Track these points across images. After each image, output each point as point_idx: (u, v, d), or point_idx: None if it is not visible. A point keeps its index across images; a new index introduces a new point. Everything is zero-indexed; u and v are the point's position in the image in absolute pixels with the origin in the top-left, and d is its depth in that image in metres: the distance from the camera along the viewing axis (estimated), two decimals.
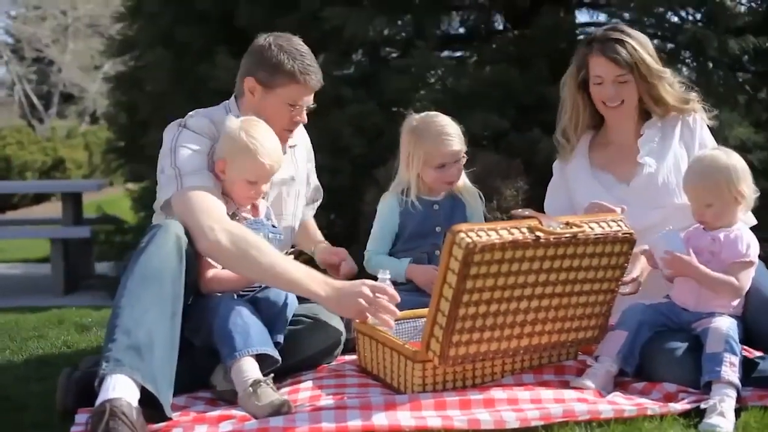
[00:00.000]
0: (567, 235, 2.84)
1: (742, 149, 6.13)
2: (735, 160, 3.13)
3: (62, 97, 21.35)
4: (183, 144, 3.25)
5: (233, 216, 3.21)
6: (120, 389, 2.65)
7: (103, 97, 16.52)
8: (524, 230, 2.80)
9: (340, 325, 3.34)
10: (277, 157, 3.25)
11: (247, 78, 3.35)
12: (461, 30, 7.66)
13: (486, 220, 3.70)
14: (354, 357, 3.32)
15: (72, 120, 21.72)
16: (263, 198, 3.33)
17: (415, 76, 6.69)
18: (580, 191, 3.63)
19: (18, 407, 3.19)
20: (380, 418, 2.69)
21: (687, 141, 3.61)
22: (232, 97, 3.46)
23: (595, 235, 2.89)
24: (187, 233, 3.04)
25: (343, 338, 3.36)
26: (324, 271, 3.47)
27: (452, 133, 3.59)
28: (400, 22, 7.04)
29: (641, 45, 3.51)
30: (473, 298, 2.78)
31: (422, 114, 3.68)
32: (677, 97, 3.56)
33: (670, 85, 3.55)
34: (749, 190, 3.12)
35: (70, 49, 19.41)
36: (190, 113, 3.41)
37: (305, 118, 3.42)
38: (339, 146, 6.56)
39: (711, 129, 3.71)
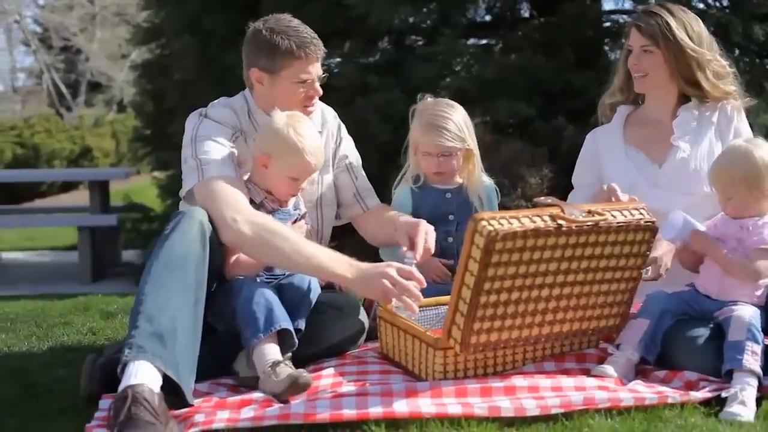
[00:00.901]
0: (589, 224, 2.83)
1: (766, 136, 6.12)
2: (764, 155, 3.09)
3: (90, 85, 21.49)
4: (204, 134, 3.27)
5: (260, 205, 3.23)
6: (142, 375, 2.68)
7: (130, 85, 16.59)
8: (546, 218, 2.80)
9: (362, 315, 3.36)
10: (321, 155, 3.29)
11: (252, 69, 3.34)
12: (487, 17, 7.65)
13: (507, 209, 3.68)
14: (377, 344, 3.33)
15: (99, 108, 21.87)
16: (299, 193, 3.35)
17: (440, 64, 6.68)
18: (611, 167, 3.62)
19: (44, 392, 3.23)
20: (401, 405, 2.70)
21: (723, 129, 3.58)
22: (247, 88, 3.47)
23: (617, 223, 2.89)
24: (211, 221, 3.06)
25: (365, 327, 3.37)
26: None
27: (445, 125, 3.50)
28: (425, 10, 7.02)
29: (679, 22, 3.47)
30: (495, 286, 2.79)
31: (433, 100, 3.63)
32: (715, 86, 3.51)
33: (712, 71, 3.50)
34: None
35: (97, 38, 19.53)
36: (212, 103, 3.43)
37: (319, 90, 3.38)
38: (366, 134, 6.56)
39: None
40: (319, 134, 3.53)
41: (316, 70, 3.35)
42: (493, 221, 2.72)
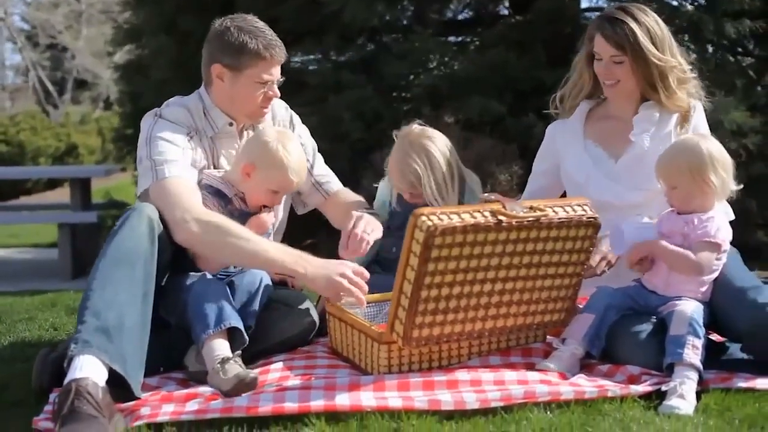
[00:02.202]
0: (530, 219, 2.87)
1: (737, 134, 6.17)
2: (711, 148, 3.13)
3: (76, 83, 21.52)
4: (159, 134, 3.29)
5: (228, 201, 3.28)
6: (87, 369, 2.71)
7: (115, 83, 16.65)
8: (486, 214, 2.83)
9: (313, 311, 3.39)
10: (304, 174, 3.38)
11: (214, 65, 3.36)
12: (465, 15, 7.70)
13: None
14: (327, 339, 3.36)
15: (86, 106, 21.93)
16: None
17: (414, 61, 6.72)
18: (569, 160, 3.65)
19: None
20: (343, 399, 2.73)
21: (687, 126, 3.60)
22: (202, 86, 3.48)
23: (559, 219, 2.92)
24: (163, 220, 3.11)
25: (316, 324, 3.40)
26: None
27: (410, 175, 3.52)
28: (399, 7, 7.06)
29: (643, 29, 3.44)
30: (435, 281, 2.82)
31: (417, 131, 3.61)
32: (672, 96, 3.49)
33: (675, 78, 3.48)
34: (718, 180, 3.10)
35: (83, 36, 19.53)
36: (166, 102, 3.45)
37: (277, 92, 3.42)
38: (338, 131, 6.60)
39: (705, 112, 3.70)
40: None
41: (278, 72, 3.39)
42: (433, 216, 2.76)
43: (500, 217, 2.83)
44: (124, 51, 9.80)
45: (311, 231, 3.84)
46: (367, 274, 3.08)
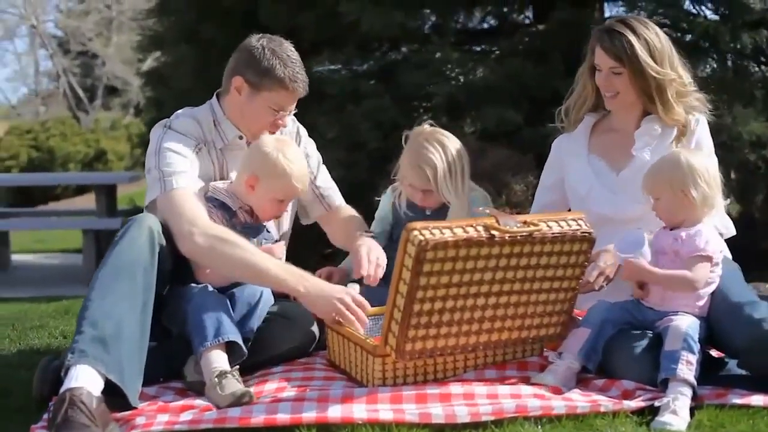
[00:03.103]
0: (523, 234, 2.87)
1: (756, 145, 6.13)
2: (692, 161, 3.12)
3: (107, 89, 21.75)
4: (168, 145, 3.34)
5: (233, 215, 3.31)
6: (82, 379, 2.76)
7: (141, 90, 16.82)
8: (479, 228, 2.84)
9: (313, 325, 3.42)
10: (307, 179, 3.42)
11: (236, 77, 3.40)
12: (484, 25, 7.71)
13: None
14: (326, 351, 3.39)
15: (116, 112, 22.14)
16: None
17: (432, 71, 6.72)
18: (572, 173, 3.67)
19: (2, 393, 3.31)
20: (335, 411, 2.76)
21: (684, 141, 3.60)
22: (214, 96, 3.52)
23: (553, 233, 2.93)
24: (163, 226, 3.15)
25: (316, 337, 3.43)
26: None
27: (427, 167, 3.57)
28: (419, 16, 7.08)
29: (642, 42, 3.44)
30: (428, 295, 2.83)
31: (430, 129, 3.67)
32: (670, 111, 3.49)
33: (674, 92, 3.47)
34: (698, 193, 3.09)
35: (114, 42, 19.74)
36: (176, 113, 3.49)
37: (287, 123, 3.49)
38: (356, 141, 6.63)
39: (723, 125, 3.68)
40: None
41: (293, 106, 3.46)
42: (425, 231, 2.77)
43: (493, 232, 2.84)
44: (152, 58, 9.90)
45: (328, 241, 3.87)
46: (367, 305, 3.12)
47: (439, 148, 3.59)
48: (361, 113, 6.59)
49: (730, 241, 3.58)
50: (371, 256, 3.33)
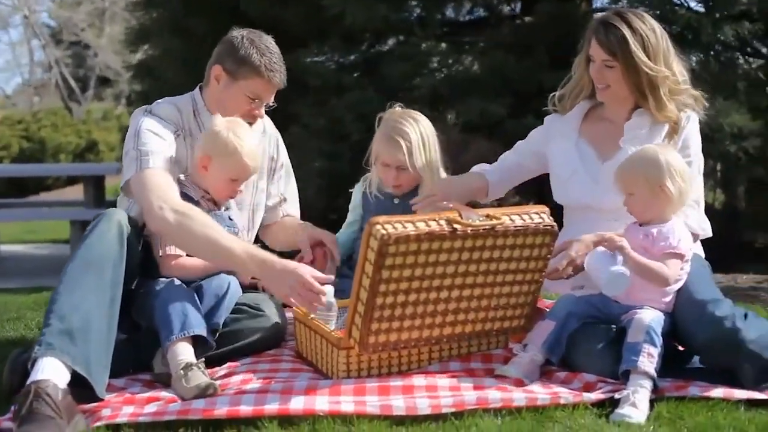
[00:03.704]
0: (485, 228, 2.90)
1: (738, 137, 6.16)
2: (668, 157, 3.14)
3: (99, 80, 21.73)
4: (147, 128, 3.38)
5: (196, 204, 3.33)
6: (48, 371, 2.78)
7: (129, 83, 16.78)
8: (442, 222, 2.86)
9: (282, 317, 3.45)
10: (258, 158, 3.43)
11: (215, 66, 3.47)
12: (471, 16, 7.72)
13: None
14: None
15: (109, 103, 22.14)
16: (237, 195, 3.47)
17: (416, 63, 6.75)
18: (557, 154, 3.67)
19: None
20: (297, 403, 2.78)
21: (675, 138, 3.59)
22: (197, 88, 3.58)
23: (515, 227, 2.95)
24: (131, 220, 3.19)
25: (284, 329, 3.46)
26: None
27: (401, 139, 3.60)
28: (403, 9, 7.10)
29: (637, 36, 3.41)
30: (390, 288, 2.86)
31: (400, 110, 3.71)
32: (662, 107, 3.47)
33: (667, 89, 3.46)
34: (675, 188, 3.10)
35: (106, 33, 19.72)
36: (158, 101, 3.55)
37: (263, 114, 3.54)
38: (339, 132, 6.66)
39: (706, 116, 3.68)
40: (259, 140, 3.64)
41: (270, 96, 3.50)
42: (388, 225, 2.80)
43: (455, 226, 2.86)
44: (142, 51, 9.91)
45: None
46: (326, 278, 3.07)
47: (411, 122, 3.64)
48: (344, 105, 6.62)
49: (713, 233, 3.60)
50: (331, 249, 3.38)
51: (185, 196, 3.31)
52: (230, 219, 3.45)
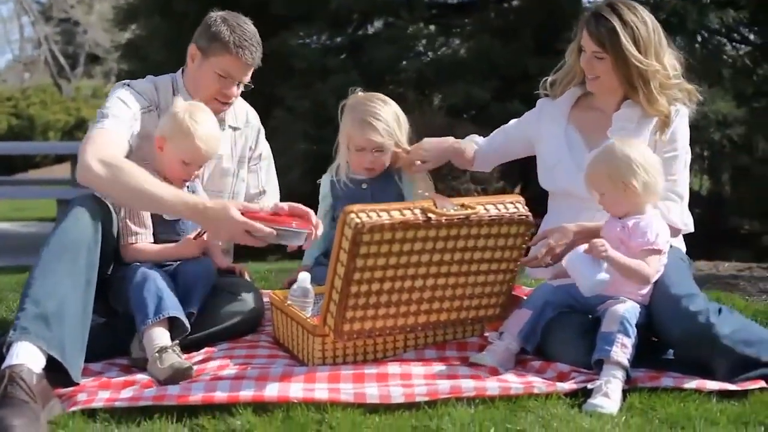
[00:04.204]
0: (460, 217, 2.91)
1: (722, 124, 6.18)
2: (630, 152, 3.14)
3: (89, 57, 21.63)
4: (119, 96, 3.40)
5: None
6: (23, 356, 2.79)
7: (117, 62, 16.65)
8: (416, 211, 2.87)
9: (259, 300, 3.46)
10: (214, 144, 3.39)
11: (191, 45, 3.51)
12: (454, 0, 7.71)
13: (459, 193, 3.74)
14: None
15: (98, 80, 22.02)
16: (193, 180, 3.45)
17: (401, 47, 6.75)
18: (546, 140, 3.68)
19: None
20: (271, 390, 2.79)
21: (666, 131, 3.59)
22: (180, 69, 3.60)
23: (490, 216, 2.96)
24: (106, 205, 3.21)
25: (262, 312, 3.48)
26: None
27: (377, 121, 3.60)
28: None
29: (628, 29, 3.42)
30: (365, 276, 2.87)
31: (364, 94, 3.72)
32: (652, 101, 3.47)
33: (657, 83, 3.45)
34: (640, 182, 3.11)
35: (96, 10, 19.62)
36: (143, 78, 3.58)
37: (234, 93, 3.52)
38: (324, 116, 6.65)
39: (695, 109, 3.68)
40: (236, 131, 3.63)
41: (242, 74, 3.49)
42: (362, 213, 2.81)
43: (430, 215, 2.87)
44: (130, 30, 9.88)
45: None
46: (255, 207, 3.10)
47: (381, 103, 3.66)
48: (329, 89, 6.61)
49: (696, 219, 3.61)
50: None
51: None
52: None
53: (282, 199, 3.84)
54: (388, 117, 3.63)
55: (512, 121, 3.92)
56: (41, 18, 21.66)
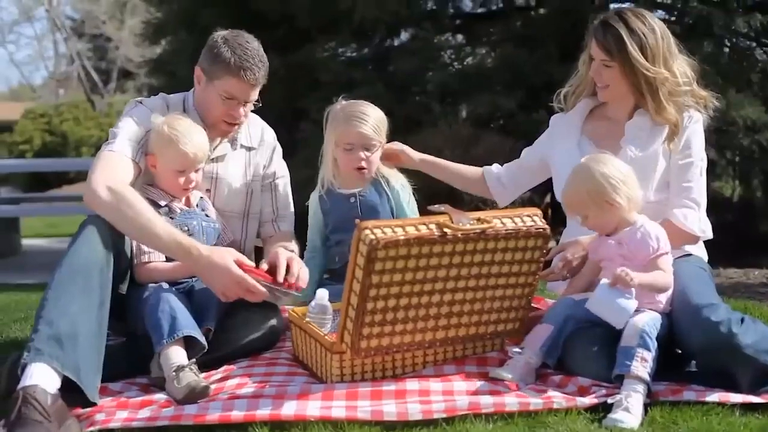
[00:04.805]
0: (476, 231, 2.88)
1: (751, 129, 6.10)
2: (604, 170, 3.12)
3: (122, 73, 21.79)
4: (131, 115, 3.42)
5: (169, 210, 3.36)
6: (37, 377, 2.79)
7: (146, 77, 16.71)
8: (432, 226, 2.85)
9: (276, 319, 3.45)
10: (201, 147, 3.38)
11: (196, 68, 3.51)
12: (483, 9, 7.68)
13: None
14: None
15: (131, 95, 22.11)
16: (194, 188, 3.45)
17: (426, 57, 6.73)
18: (560, 153, 3.66)
19: None
20: (289, 408, 2.78)
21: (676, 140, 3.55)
22: (192, 89, 3.59)
23: (506, 230, 2.93)
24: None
25: (280, 330, 3.47)
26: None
27: (366, 118, 3.58)
28: (413, 3, 7.06)
29: (635, 37, 3.40)
30: (381, 293, 2.85)
31: (348, 101, 3.69)
32: (661, 109, 3.44)
33: (667, 90, 3.43)
34: (622, 197, 3.09)
35: (127, 26, 19.75)
36: (156, 96, 3.59)
37: (241, 114, 3.48)
38: None
39: (717, 110, 3.65)
40: (250, 150, 3.61)
41: (246, 94, 3.44)
42: (377, 229, 2.79)
43: (445, 230, 2.84)
44: (160, 45, 9.94)
45: None
46: (249, 263, 3.11)
47: (366, 105, 3.64)
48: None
49: (728, 225, 3.56)
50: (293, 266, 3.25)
51: (151, 202, 3.30)
52: (206, 216, 3.46)
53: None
54: (376, 116, 3.61)
55: (526, 149, 3.89)
56: (74, 34, 21.87)
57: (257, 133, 3.69)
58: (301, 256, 3.59)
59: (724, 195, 7.06)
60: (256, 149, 3.66)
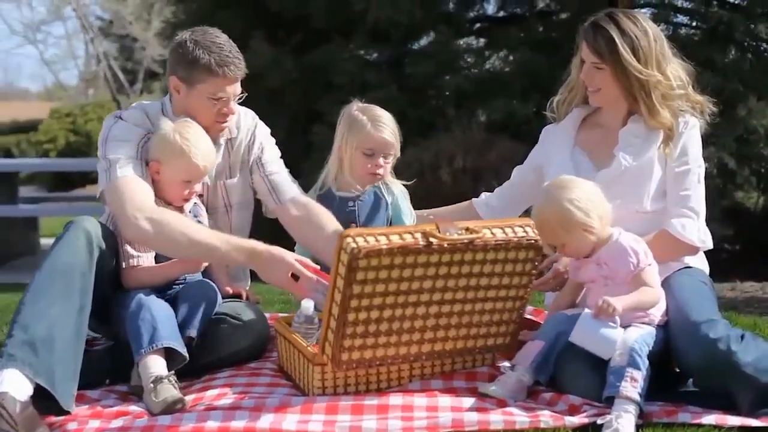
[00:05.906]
0: (463, 241, 2.77)
1: None
2: (569, 195, 3.01)
3: (148, 73, 21.81)
4: (115, 135, 3.31)
5: None
6: (7, 384, 2.73)
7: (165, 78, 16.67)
8: (417, 235, 2.74)
9: (264, 328, 3.36)
10: (211, 158, 3.32)
11: (171, 77, 3.36)
12: (502, 13, 7.57)
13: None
14: None
15: (157, 96, 22.05)
16: (192, 197, 3.36)
17: (441, 62, 6.63)
18: (553, 163, 3.55)
19: None
20: (265, 420, 2.69)
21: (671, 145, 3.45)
22: (167, 95, 3.48)
23: (496, 241, 2.81)
24: (104, 228, 3.14)
25: (268, 339, 3.38)
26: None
27: (387, 123, 3.53)
28: (429, 6, 6.96)
29: (627, 39, 3.30)
30: (363, 303, 2.74)
31: (363, 105, 3.61)
32: (654, 112, 3.34)
33: (659, 94, 3.33)
34: (594, 219, 3.00)
35: (153, 26, 19.74)
36: (132, 105, 3.49)
37: (233, 110, 3.39)
38: None
39: (737, 118, 3.53)
40: (231, 140, 3.51)
41: (233, 89, 3.35)
42: (359, 238, 2.68)
43: (431, 239, 2.73)
44: None
45: None
46: (313, 266, 3.12)
47: (382, 110, 3.58)
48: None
49: (750, 237, 3.44)
50: None
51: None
52: (199, 222, 3.37)
53: None
54: (393, 124, 3.56)
55: (515, 168, 3.79)
56: (101, 34, 21.90)
57: (234, 119, 3.49)
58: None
59: (745, 206, 6.88)
60: (235, 138, 3.53)
